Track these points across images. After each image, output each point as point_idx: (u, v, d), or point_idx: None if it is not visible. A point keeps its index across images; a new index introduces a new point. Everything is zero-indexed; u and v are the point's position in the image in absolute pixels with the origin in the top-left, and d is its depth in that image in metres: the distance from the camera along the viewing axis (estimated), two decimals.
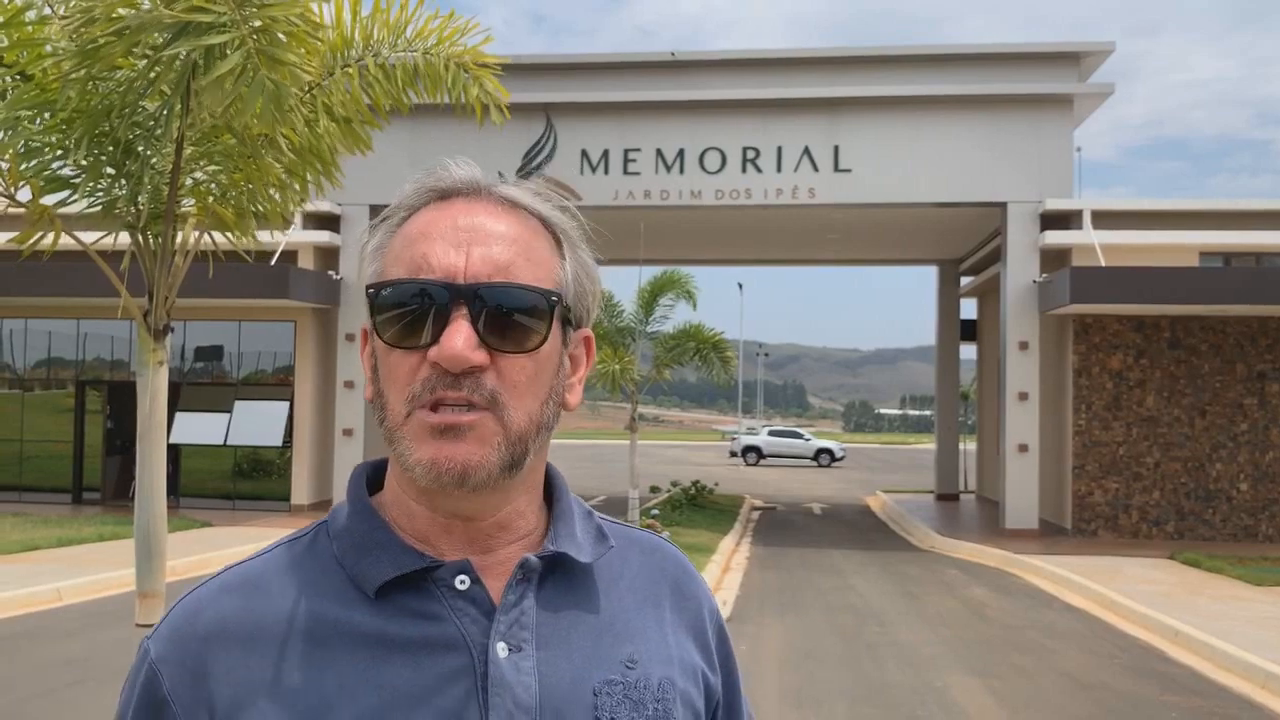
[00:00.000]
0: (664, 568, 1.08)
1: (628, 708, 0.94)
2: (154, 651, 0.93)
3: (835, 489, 31.17)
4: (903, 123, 18.73)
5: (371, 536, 0.95)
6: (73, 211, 4.15)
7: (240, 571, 0.96)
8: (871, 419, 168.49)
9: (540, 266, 0.95)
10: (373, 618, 0.91)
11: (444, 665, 0.90)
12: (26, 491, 20.16)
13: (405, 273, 0.92)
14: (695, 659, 1.05)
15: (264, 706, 0.88)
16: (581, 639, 0.97)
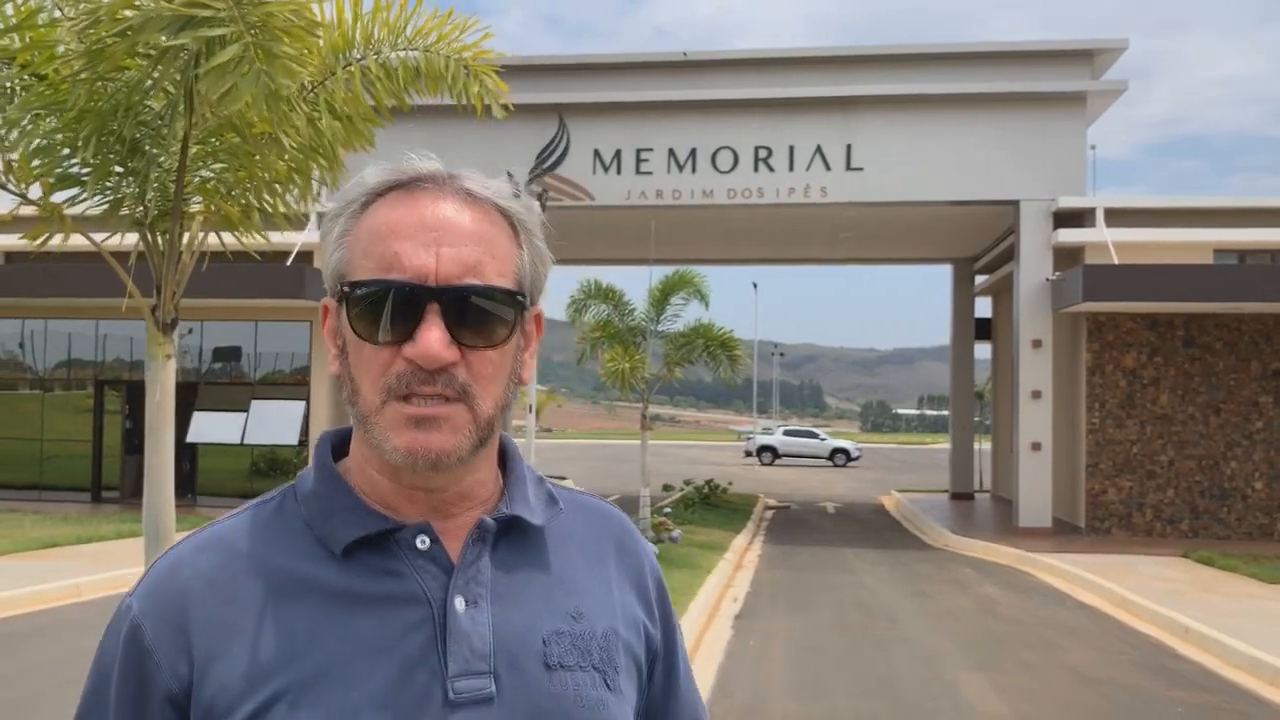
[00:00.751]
0: (609, 529, 1.16)
1: (574, 655, 1.02)
2: (136, 607, 0.99)
3: (850, 488, 31.16)
4: (915, 121, 18.73)
5: (337, 500, 1.02)
6: (81, 210, 4.25)
7: (214, 532, 1.04)
8: (889, 419, 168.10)
9: (503, 261, 1.00)
10: (340, 575, 0.98)
11: (406, 618, 0.97)
12: (46, 490, 20.37)
13: (376, 269, 0.97)
14: (637, 612, 1.12)
15: (238, 654, 0.94)
16: (533, 593, 1.04)
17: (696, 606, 10.51)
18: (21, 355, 21.19)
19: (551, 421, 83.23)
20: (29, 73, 3.81)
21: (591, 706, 1.00)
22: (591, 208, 19.56)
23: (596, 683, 1.02)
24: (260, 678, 0.93)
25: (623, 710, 1.04)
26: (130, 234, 4.46)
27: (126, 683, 0.98)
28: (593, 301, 15.57)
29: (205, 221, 4.34)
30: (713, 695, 7.68)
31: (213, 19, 2.99)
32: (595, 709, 1.01)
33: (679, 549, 13.87)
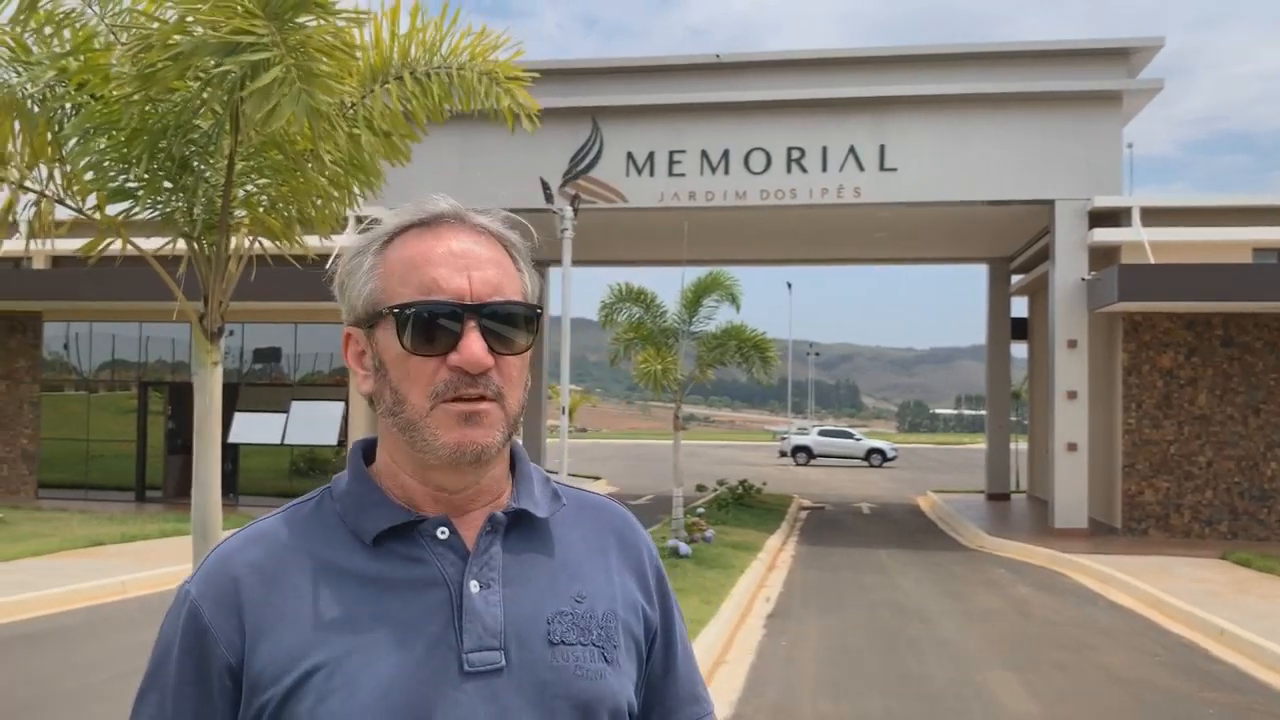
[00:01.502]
0: (610, 522, 1.31)
1: (575, 632, 1.16)
2: (194, 591, 1.15)
3: (885, 489, 31.08)
4: (949, 121, 18.70)
5: (369, 497, 1.18)
6: (132, 217, 4.44)
7: (260, 527, 1.19)
8: (926, 419, 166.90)
9: (515, 282, 1.19)
10: (370, 562, 1.14)
11: (428, 599, 1.13)
12: (92, 490, 20.82)
13: (417, 293, 1.13)
14: (636, 596, 1.27)
15: (283, 631, 1.10)
16: (539, 578, 1.19)
17: (729, 606, 10.60)
18: (67, 357, 21.67)
19: (586, 421, 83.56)
20: (86, 93, 4.01)
21: (590, 677, 1.15)
22: (624, 210, 19.69)
23: (595, 657, 1.16)
24: (302, 652, 1.08)
25: (621, 682, 1.19)
26: (179, 242, 4.65)
27: (187, 657, 1.12)
28: (625, 304, 15.68)
29: (249, 232, 4.51)
30: (743, 694, 7.77)
31: (256, 44, 3.16)
32: (594, 679, 1.15)
33: (712, 549, 13.96)
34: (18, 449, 21.38)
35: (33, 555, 13.28)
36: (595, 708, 1.15)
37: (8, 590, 10.76)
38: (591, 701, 1.15)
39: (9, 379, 21.49)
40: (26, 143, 4.09)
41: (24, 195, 4.32)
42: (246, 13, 3.20)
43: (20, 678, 7.86)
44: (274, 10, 3.19)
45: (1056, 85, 18.22)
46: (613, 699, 1.17)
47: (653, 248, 24.61)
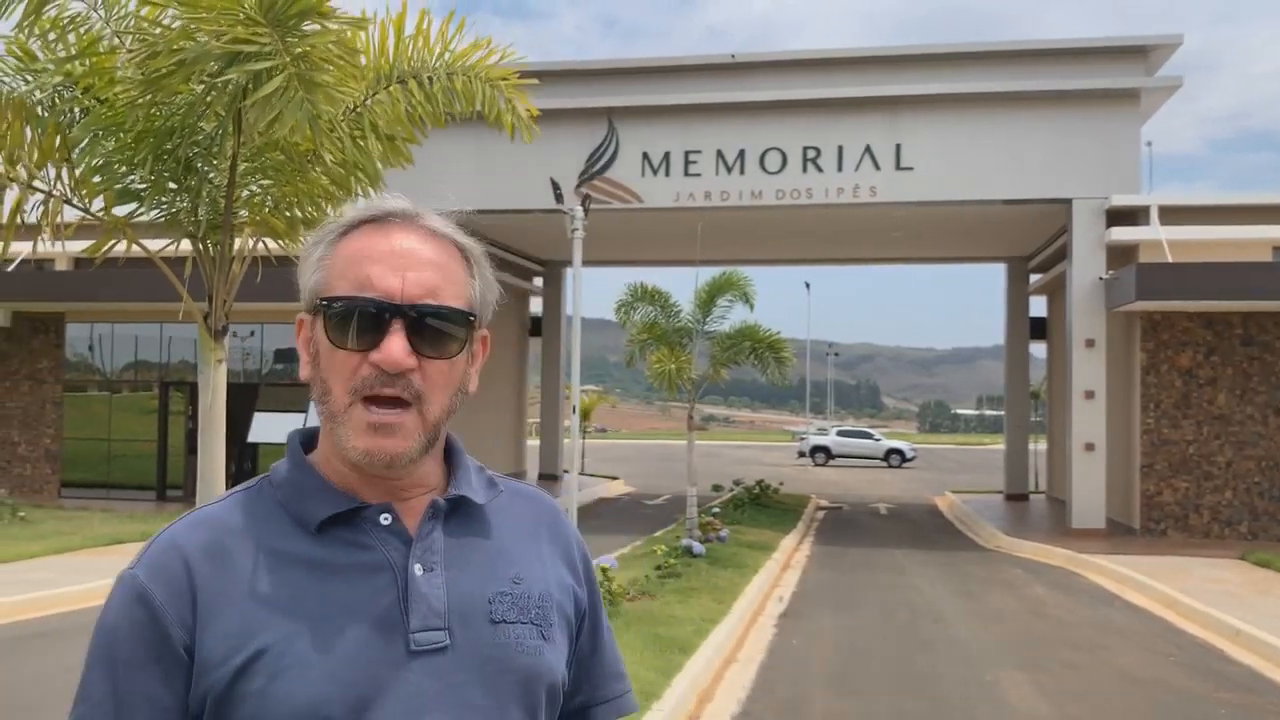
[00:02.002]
0: (542, 512, 1.36)
1: (515, 611, 1.21)
2: (143, 575, 1.16)
3: (903, 489, 30.99)
4: (965, 120, 18.63)
5: (309, 485, 1.21)
6: (140, 221, 4.51)
7: (204, 513, 1.22)
8: (947, 419, 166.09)
9: (457, 286, 1.20)
10: (315, 548, 1.17)
11: (374, 583, 1.16)
12: (113, 489, 21.03)
13: (351, 288, 1.15)
14: (567, 579, 1.32)
15: (232, 614, 1.13)
16: (479, 561, 1.23)
17: (741, 605, 10.62)
18: (90, 358, 21.90)
19: (606, 422, 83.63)
20: (92, 96, 4.08)
21: (530, 653, 1.20)
22: (640, 210, 19.72)
23: (534, 634, 1.21)
24: (251, 633, 1.11)
25: (556, 657, 1.25)
26: (185, 243, 4.73)
27: (138, 641, 1.13)
28: (640, 303, 15.71)
29: (253, 232, 4.58)
30: (753, 692, 7.80)
31: (258, 53, 3.21)
32: (534, 655, 1.21)
33: (726, 548, 13.98)
34: (41, 448, 21.62)
35: (55, 553, 13.45)
36: (535, 682, 1.20)
37: (30, 587, 10.91)
38: (532, 676, 1.20)
39: (32, 379, 21.74)
40: (35, 145, 4.17)
41: (32, 196, 4.40)
42: (249, 20, 3.25)
43: (41, 673, 7.97)
44: (276, 17, 3.24)
45: (1074, 84, 18.12)
46: (550, 673, 1.23)
47: (669, 248, 24.63)
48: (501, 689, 1.18)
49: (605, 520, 19.98)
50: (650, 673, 7.35)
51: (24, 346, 21.73)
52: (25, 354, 21.75)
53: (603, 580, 9.66)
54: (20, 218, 4.39)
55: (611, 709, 1.39)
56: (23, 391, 21.75)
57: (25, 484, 21.26)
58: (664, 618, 9.37)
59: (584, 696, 1.36)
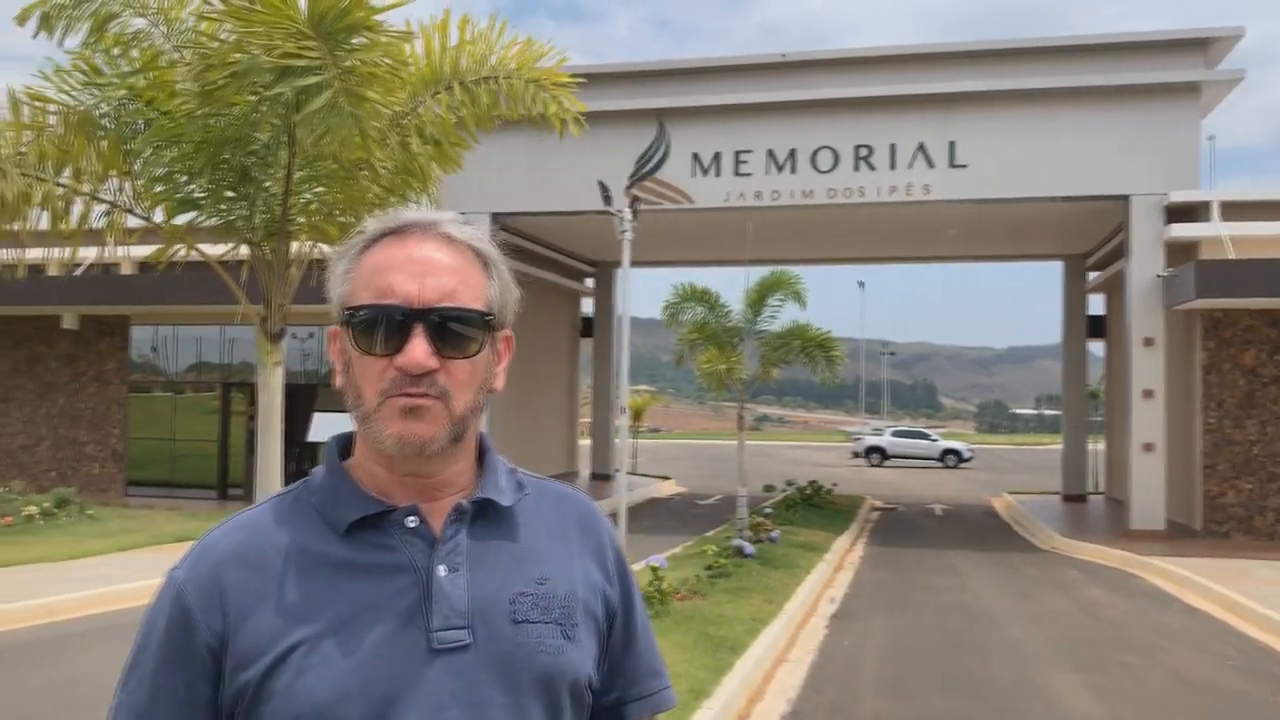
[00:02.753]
0: (573, 510, 1.40)
1: (537, 611, 1.26)
2: (181, 576, 1.25)
3: (960, 490, 30.66)
4: (1020, 117, 18.41)
5: (341, 490, 1.27)
6: (199, 228, 4.67)
7: (243, 518, 1.29)
8: (1005, 419, 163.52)
9: (475, 289, 1.25)
10: (344, 550, 1.23)
11: (399, 582, 1.22)
12: (177, 488, 21.51)
13: (373, 298, 1.21)
14: (596, 578, 1.36)
15: (263, 611, 1.20)
16: (503, 562, 1.28)
17: (792, 606, 10.61)
18: (154, 359, 22.44)
19: (658, 422, 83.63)
20: (153, 109, 4.23)
21: (551, 652, 1.24)
22: (690, 210, 19.75)
23: (556, 634, 1.25)
24: (281, 633, 1.18)
25: (580, 656, 1.28)
26: (243, 248, 4.87)
27: (171, 639, 1.22)
28: (689, 304, 15.73)
29: (308, 238, 4.71)
30: (803, 692, 7.81)
31: (307, 68, 3.31)
32: (555, 654, 1.25)
33: (777, 549, 13.96)
34: (108, 448, 22.19)
35: (121, 550, 13.82)
36: (557, 680, 1.25)
37: (98, 583, 11.23)
38: (552, 675, 1.24)
39: (99, 381, 22.32)
40: (100, 156, 4.33)
41: (98, 205, 4.56)
42: (299, 34, 3.35)
43: (107, 667, 8.21)
44: (325, 30, 3.33)
45: (1131, 78, 17.83)
46: (572, 672, 1.26)
47: (719, 248, 24.62)
48: (522, 687, 1.22)
49: (656, 520, 20.04)
50: (701, 671, 7.40)
51: (91, 349, 22.32)
52: (92, 356, 22.34)
53: (653, 579, 9.72)
54: (85, 225, 4.56)
55: (646, 705, 1.41)
56: (90, 392, 22.34)
57: (93, 483, 21.83)
58: (714, 617, 9.41)
59: (618, 693, 1.39)
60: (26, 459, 22.55)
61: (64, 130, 4.23)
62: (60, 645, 9.14)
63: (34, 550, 13.30)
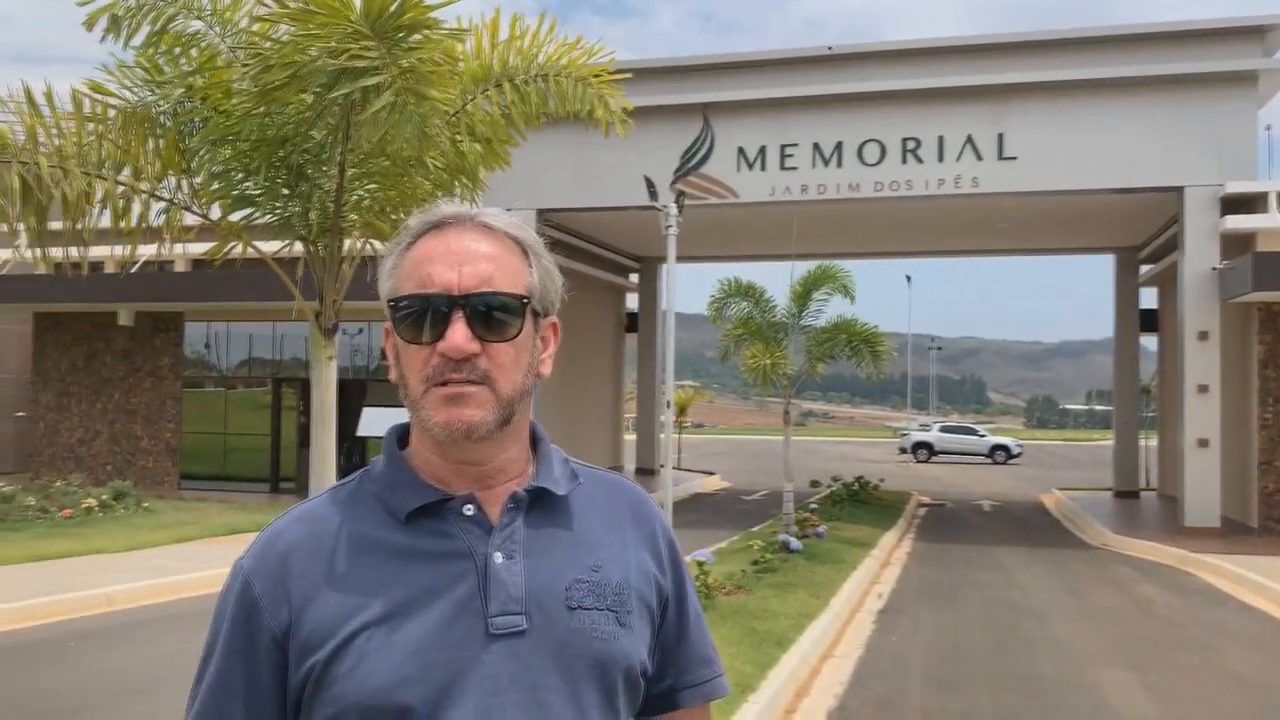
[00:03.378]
0: (626, 499, 1.42)
1: (592, 598, 1.28)
2: (246, 567, 1.29)
3: (1009, 486, 30.33)
4: (1071, 108, 18.15)
5: (400, 478, 1.31)
6: (254, 225, 4.76)
7: (305, 508, 1.33)
8: (1056, 414, 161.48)
9: (513, 275, 1.28)
10: (403, 537, 1.27)
11: (456, 569, 1.25)
12: (229, 481, 21.88)
13: (415, 288, 1.25)
14: (649, 566, 1.38)
15: (326, 598, 1.23)
16: (558, 550, 1.30)
17: (838, 601, 10.58)
18: (208, 355, 22.83)
19: (703, 417, 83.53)
20: (209, 108, 4.32)
21: (605, 639, 1.27)
22: (735, 205, 19.70)
23: (610, 620, 1.28)
24: (344, 619, 1.22)
25: (634, 643, 1.31)
26: (297, 245, 4.97)
27: (237, 626, 1.26)
28: (733, 299, 15.70)
29: (361, 235, 4.78)
30: (849, 687, 7.79)
31: (367, 68, 3.37)
32: (609, 640, 1.28)
33: (823, 544, 13.92)
34: (162, 442, 22.62)
35: (175, 542, 14.10)
36: (611, 666, 1.28)
37: (153, 574, 11.48)
38: (606, 660, 1.27)
39: (154, 376, 22.75)
40: (157, 155, 4.43)
41: (156, 204, 4.67)
42: (357, 34, 3.40)
43: (163, 655, 8.40)
44: (382, 29, 3.39)
45: (1186, 67, 17.50)
46: (625, 659, 1.29)
47: (765, 243, 24.56)
48: (577, 672, 1.25)
49: (701, 515, 20.04)
50: (747, 665, 7.41)
51: (146, 345, 22.75)
52: (147, 352, 22.77)
53: (698, 574, 9.74)
54: (144, 223, 4.67)
55: (698, 693, 1.43)
56: (145, 388, 22.78)
57: (148, 476, 22.27)
58: (760, 612, 9.41)
59: (670, 680, 1.41)
60: (84, 453, 23.04)
61: (123, 127, 4.34)
62: (118, 634, 9.35)
63: (92, 542, 13.61)
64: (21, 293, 22.32)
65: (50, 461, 23.04)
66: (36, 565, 11.99)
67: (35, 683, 7.67)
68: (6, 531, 14.31)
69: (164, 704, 6.83)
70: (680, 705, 1.43)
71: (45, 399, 23.40)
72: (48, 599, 10.07)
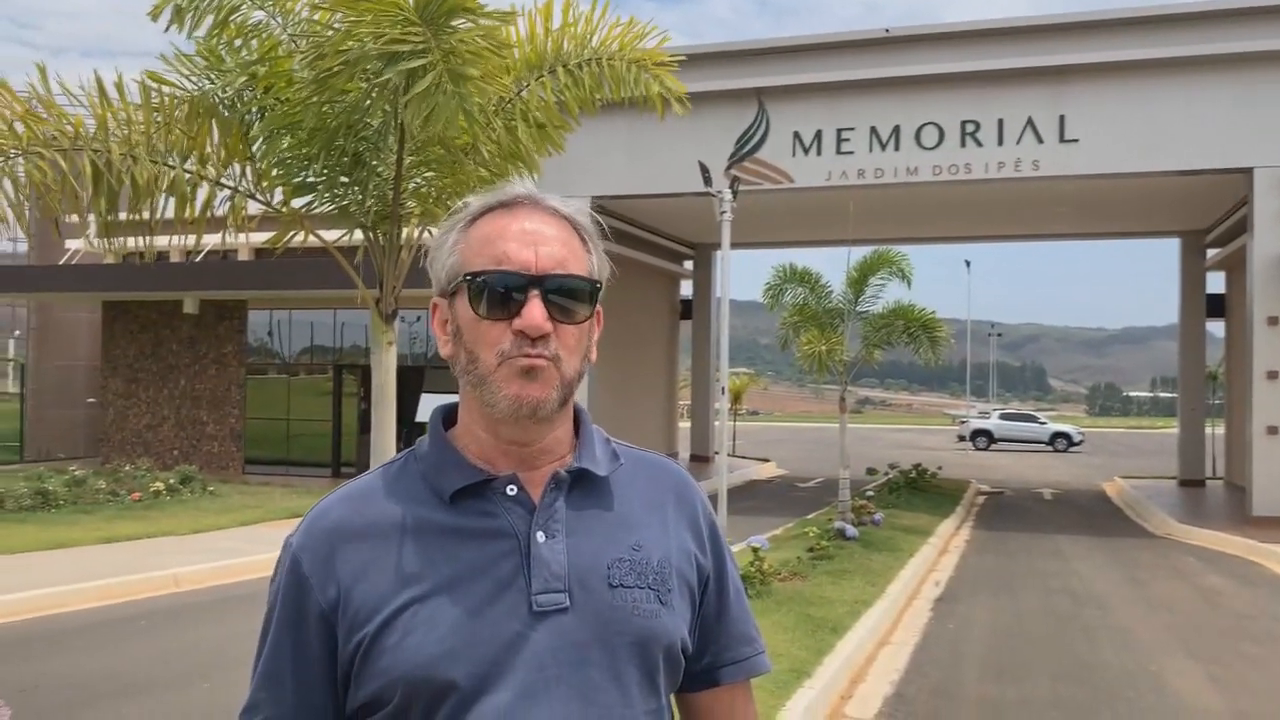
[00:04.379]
0: (668, 480, 1.44)
1: (632, 577, 1.30)
2: (295, 545, 1.33)
3: (1070, 474, 29.87)
4: (1134, 88, 17.76)
5: (446, 458, 1.33)
6: (315, 213, 4.85)
7: (353, 486, 1.36)
8: (1118, 402, 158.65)
9: (579, 260, 1.31)
10: (448, 516, 1.29)
11: (499, 548, 1.28)
12: (292, 465, 22.29)
13: (490, 264, 1.27)
14: (690, 545, 1.40)
15: (374, 577, 1.26)
16: (599, 529, 1.33)
17: (895, 588, 10.52)
18: (270, 343, 23.25)
19: (758, 405, 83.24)
20: (270, 97, 4.41)
21: (646, 616, 1.29)
22: (790, 190, 19.57)
23: (651, 598, 1.30)
24: (390, 594, 1.25)
25: (674, 621, 1.33)
26: (357, 233, 5.06)
27: (288, 601, 1.30)
28: (789, 285, 15.61)
29: (420, 222, 4.85)
30: (906, 675, 7.75)
31: (412, 52, 3.43)
32: (650, 618, 1.29)
33: (880, 532, 13.83)
34: (227, 427, 23.09)
35: (240, 525, 14.42)
36: (651, 643, 1.30)
37: (219, 556, 11.75)
38: (648, 638, 1.29)
39: (218, 363, 23.22)
40: (222, 143, 4.54)
41: (220, 192, 4.78)
42: (404, 20, 3.47)
43: (228, 634, 8.60)
44: (428, 15, 3.44)
45: (1253, 45, 17.01)
46: (666, 636, 1.31)
47: (821, 228, 24.36)
48: (619, 649, 1.27)
49: (756, 502, 20.02)
50: (802, 651, 7.40)
51: (211, 332, 23.22)
52: (212, 339, 23.24)
53: (753, 560, 9.74)
54: (209, 211, 4.78)
55: (739, 670, 1.45)
56: (210, 375, 23.26)
57: (213, 461, 22.76)
58: (815, 599, 9.39)
59: (710, 657, 1.43)
60: (152, 438, 23.60)
61: (190, 116, 4.45)
62: (185, 614, 9.60)
63: (160, 524, 13.96)
64: (91, 281, 22.92)
65: (119, 446, 23.64)
66: (107, 547, 12.34)
67: (108, 660, 7.91)
68: (79, 514, 14.74)
69: (228, 681, 7.00)
70: (720, 682, 1.44)
71: (114, 385, 24.00)
72: (118, 579, 10.36)
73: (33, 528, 13.22)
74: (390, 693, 1.23)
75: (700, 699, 1.45)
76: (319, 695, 1.29)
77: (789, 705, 6.25)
